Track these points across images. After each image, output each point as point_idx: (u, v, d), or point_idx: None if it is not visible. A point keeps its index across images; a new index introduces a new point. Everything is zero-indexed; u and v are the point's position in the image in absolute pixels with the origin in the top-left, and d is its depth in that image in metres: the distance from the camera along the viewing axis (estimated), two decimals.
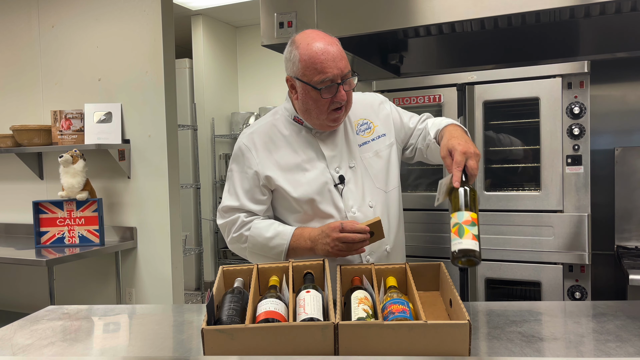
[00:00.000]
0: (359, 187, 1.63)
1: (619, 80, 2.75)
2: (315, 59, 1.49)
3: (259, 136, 1.66)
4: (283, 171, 1.61)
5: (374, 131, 1.69)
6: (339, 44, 1.55)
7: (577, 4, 1.92)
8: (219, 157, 5.53)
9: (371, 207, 1.63)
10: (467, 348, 1.13)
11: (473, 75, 2.38)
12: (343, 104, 1.55)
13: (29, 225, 3.58)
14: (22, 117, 3.73)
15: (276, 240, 1.58)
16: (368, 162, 1.66)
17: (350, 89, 1.56)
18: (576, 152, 2.23)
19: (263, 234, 1.60)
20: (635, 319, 1.38)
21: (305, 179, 1.61)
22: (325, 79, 1.50)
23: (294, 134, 1.65)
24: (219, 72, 5.54)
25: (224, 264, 2.18)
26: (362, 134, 1.68)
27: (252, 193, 1.64)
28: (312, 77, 1.51)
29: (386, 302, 1.26)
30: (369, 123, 1.70)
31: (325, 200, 1.60)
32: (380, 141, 1.68)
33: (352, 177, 1.63)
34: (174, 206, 3.34)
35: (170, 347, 1.35)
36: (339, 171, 1.63)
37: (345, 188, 1.62)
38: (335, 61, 1.50)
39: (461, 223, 1.26)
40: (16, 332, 1.47)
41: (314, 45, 1.51)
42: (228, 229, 1.67)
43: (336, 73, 1.50)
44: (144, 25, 3.30)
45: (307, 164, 1.62)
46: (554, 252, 2.25)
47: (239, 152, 1.68)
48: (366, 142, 1.67)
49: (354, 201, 1.62)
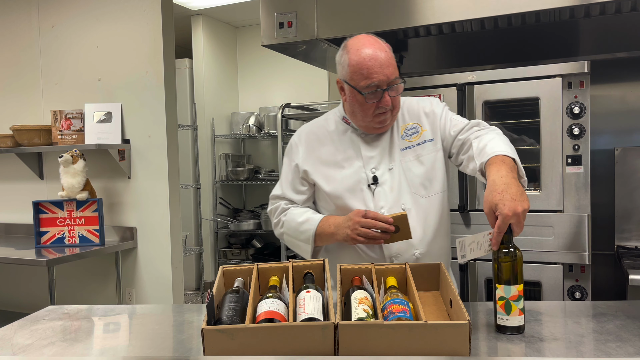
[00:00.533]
0: (394, 190, 1.64)
1: (619, 80, 2.76)
2: (362, 65, 1.55)
3: (307, 134, 1.76)
4: (321, 166, 1.70)
5: (421, 136, 1.69)
6: (389, 50, 1.59)
7: (577, 4, 1.92)
8: (219, 157, 5.53)
9: (403, 210, 1.63)
10: (467, 348, 1.13)
11: (473, 75, 2.38)
12: (388, 108, 1.59)
13: (29, 225, 3.58)
14: (22, 117, 3.73)
15: (305, 225, 1.67)
16: (407, 166, 1.66)
17: (397, 94, 1.59)
18: (576, 152, 2.23)
19: (296, 219, 1.70)
20: (635, 319, 1.38)
21: (340, 175, 1.67)
22: (370, 84, 1.55)
23: (339, 133, 1.72)
24: (219, 72, 5.54)
25: (224, 264, 2.18)
26: (408, 138, 1.69)
27: (293, 184, 1.74)
28: (359, 81, 1.56)
29: (386, 302, 1.26)
30: (417, 127, 1.70)
31: (356, 198, 1.65)
32: (425, 146, 1.68)
33: (388, 179, 1.65)
34: (174, 206, 3.34)
35: (170, 347, 1.35)
36: (375, 172, 1.66)
37: (379, 189, 1.65)
38: (382, 67, 1.54)
39: (508, 299, 1.29)
40: (16, 332, 1.47)
41: (363, 50, 1.56)
42: (271, 215, 1.81)
43: (382, 79, 1.54)
44: (144, 25, 3.30)
45: (344, 162, 1.68)
46: (554, 252, 2.25)
47: (289, 146, 1.79)
48: (410, 146, 1.68)
49: (385, 202, 1.63)
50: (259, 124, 5.31)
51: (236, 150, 5.76)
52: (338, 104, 1.81)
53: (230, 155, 5.55)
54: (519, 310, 1.29)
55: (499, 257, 1.31)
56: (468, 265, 2.41)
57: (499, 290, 1.30)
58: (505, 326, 1.30)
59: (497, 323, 1.31)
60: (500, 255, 1.31)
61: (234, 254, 5.44)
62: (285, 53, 2.66)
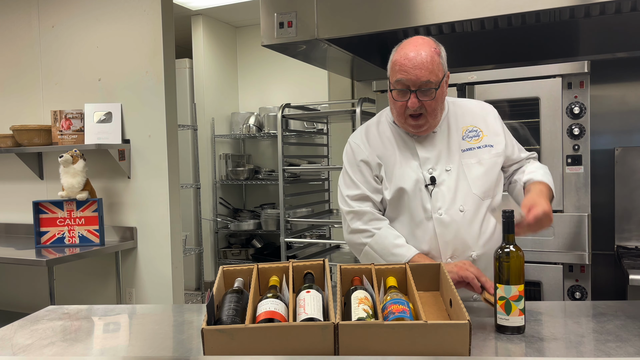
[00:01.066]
0: (451, 190, 1.63)
1: (619, 80, 2.76)
2: (397, 62, 1.57)
3: (365, 134, 1.75)
4: (383, 164, 1.69)
5: (482, 140, 1.69)
6: (436, 55, 1.56)
7: (577, 4, 1.92)
8: (219, 157, 5.53)
9: (461, 212, 1.62)
10: (467, 348, 1.13)
11: (473, 75, 2.38)
12: (418, 112, 1.58)
13: (29, 225, 3.57)
14: (22, 117, 3.73)
15: (401, 250, 1.61)
16: (469, 167, 1.65)
17: (429, 99, 1.56)
18: (576, 152, 2.23)
19: (391, 240, 1.64)
20: (635, 319, 1.38)
21: (399, 175, 1.66)
22: (398, 80, 1.56)
23: (394, 134, 1.71)
24: (219, 72, 5.54)
25: (224, 264, 2.18)
26: (470, 140, 1.68)
27: (367, 182, 1.70)
28: (392, 77, 1.59)
29: (386, 302, 1.26)
30: (477, 131, 1.70)
31: (414, 198, 1.64)
32: (486, 150, 1.68)
33: (446, 180, 1.64)
34: (174, 206, 3.34)
35: (170, 347, 1.35)
36: (432, 172, 1.65)
37: (436, 189, 1.63)
38: (415, 68, 1.53)
39: (508, 299, 1.29)
40: (16, 332, 1.47)
41: (405, 49, 1.57)
42: (354, 218, 1.70)
43: (411, 79, 1.53)
44: (144, 25, 3.30)
45: (402, 162, 1.67)
46: (554, 252, 2.25)
47: (350, 149, 1.75)
48: (471, 148, 1.67)
49: (443, 203, 1.63)
50: (259, 124, 5.31)
51: (236, 150, 5.76)
52: (338, 104, 1.81)
53: (230, 155, 5.55)
54: (519, 310, 1.29)
55: (501, 256, 1.31)
56: None
57: (499, 290, 1.30)
58: (505, 326, 1.30)
59: (497, 323, 1.31)
60: (502, 254, 1.31)
61: (234, 254, 5.43)
62: (285, 53, 2.66)
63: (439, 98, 1.58)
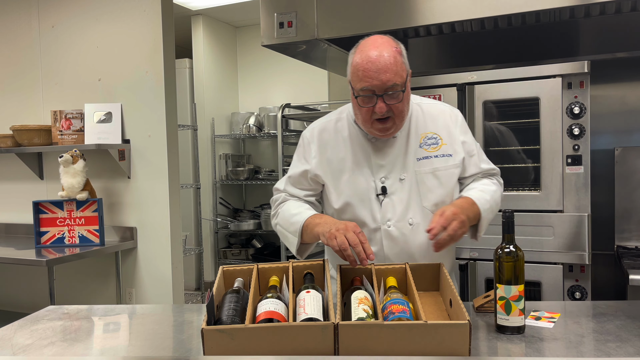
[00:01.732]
0: (403, 202, 1.58)
1: (619, 80, 2.76)
2: (359, 67, 1.48)
3: (319, 132, 1.68)
4: (331, 170, 1.63)
5: (440, 148, 1.60)
6: (398, 55, 1.49)
7: (577, 4, 1.92)
8: (219, 157, 5.53)
9: (411, 225, 1.57)
10: (467, 348, 1.13)
11: (473, 75, 2.38)
12: (385, 116, 1.50)
13: (29, 225, 3.57)
14: (22, 117, 3.73)
15: (296, 217, 1.59)
16: (421, 177, 1.58)
17: (397, 102, 1.49)
18: (576, 152, 2.23)
19: (290, 211, 1.63)
20: (635, 319, 1.38)
21: (349, 182, 1.60)
22: (364, 88, 1.48)
23: (352, 136, 1.64)
24: (219, 72, 5.54)
25: (224, 264, 2.19)
26: (427, 147, 1.60)
27: (299, 181, 1.68)
28: (355, 83, 1.51)
29: (386, 302, 1.26)
30: (437, 138, 1.61)
31: (363, 207, 1.59)
32: (443, 160, 1.59)
33: (398, 190, 1.58)
34: (174, 206, 3.34)
35: (170, 347, 1.35)
36: (385, 182, 1.59)
37: (387, 199, 1.58)
38: (379, 72, 1.45)
39: (509, 299, 1.29)
40: (16, 332, 1.47)
41: (365, 52, 1.49)
42: (272, 205, 1.75)
43: (376, 84, 1.46)
44: (144, 25, 3.30)
45: (354, 168, 1.61)
46: (554, 252, 2.25)
47: (302, 142, 1.72)
48: (427, 157, 1.59)
49: (393, 214, 1.57)
50: (259, 124, 5.31)
51: (236, 150, 5.76)
52: (338, 104, 1.80)
53: (230, 155, 5.55)
54: (519, 310, 1.29)
55: (501, 256, 1.31)
56: (468, 265, 2.41)
57: (499, 290, 1.30)
58: (505, 326, 1.30)
59: (497, 323, 1.31)
60: (502, 254, 1.31)
61: (234, 254, 5.43)
62: (285, 53, 2.66)
63: (406, 99, 1.53)
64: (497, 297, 1.31)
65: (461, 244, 2.41)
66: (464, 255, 2.41)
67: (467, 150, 1.63)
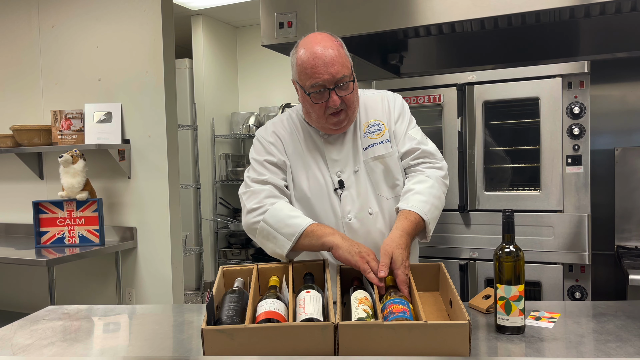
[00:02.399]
0: (361, 193, 1.60)
1: (619, 80, 2.76)
2: (306, 64, 1.50)
3: (274, 129, 1.67)
4: (290, 163, 1.62)
5: (383, 134, 1.63)
6: (340, 47, 1.53)
7: (577, 4, 1.92)
8: (219, 157, 5.53)
9: (371, 214, 1.60)
10: (467, 348, 1.13)
11: (473, 75, 2.38)
12: (339, 109, 1.52)
13: (29, 225, 3.57)
14: (22, 117, 3.73)
15: (297, 220, 1.51)
16: (370, 166, 1.61)
17: (347, 93, 1.51)
18: (576, 152, 2.23)
19: (286, 212, 1.54)
20: (635, 319, 1.38)
21: (306, 177, 1.61)
22: (315, 84, 1.49)
23: (304, 134, 1.65)
24: (219, 72, 5.54)
25: (224, 264, 2.18)
26: (371, 135, 1.63)
27: (272, 169, 1.62)
28: (305, 81, 1.52)
29: (386, 301, 1.26)
30: (380, 124, 1.64)
31: (323, 204, 1.60)
32: (386, 146, 1.62)
33: (354, 182, 1.60)
34: (174, 206, 3.34)
35: (170, 347, 1.35)
36: (340, 175, 1.61)
37: (345, 193, 1.60)
38: (327, 66, 1.47)
39: (509, 299, 1.29)
40: (16, 332, 1.47)
41: (309, 50, 1.50)
42: (250, 198, 1.59)
43: (326, 78, 1.48)
44: (144, 25, 3.30)
45: (312, 165, 1.62)
46: (554, 252, 2.25)
47: (258, 143, 1.67)
48: (372, 144, 1.62)
49: (352, 207, 1.59)
50: (259, 124, 5.31)
51: (236, 150, 5.76)
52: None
53: (230, 155, 5.55)
54: (519, 310, 1.29)
55: (501, 256, 1.31)
56: (468, 265, 2.41)
57: (499, 290, 1.30)
58: (505, 326, 1.30)
59: (497, 323, 1.31)
60: (501, 254, 1.31)
61: (234, 254, 5.43)
62: (285, 53, 2.65)
63: (355, 90, 1.55)
64: (497, 297, 1.31)
65: (461, 244, 2.42)
66: (464, 255, 2.42)
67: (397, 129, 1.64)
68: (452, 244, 2.44)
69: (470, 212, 2.41)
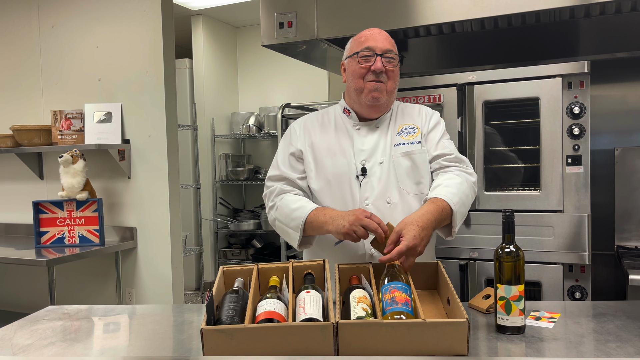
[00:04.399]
0: (381, 183, 1.66)
1: (619, 80, 2.76)
2: (362, 35, 1.70)
3: (307, 119, 1.82)
4: (314, 151, 1.72)
5: (416, 137, 1.73)
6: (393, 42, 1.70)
7: (577, 4, 1.92)
8: (219, 157, 5.53)
9: (389, 204, 1.65)
10: (465, 346, 1.13)
11: (473, 75, 2.38)
12: (380, 77, 1.64)
13: (29, 225, 3.58)
14: (22, 117, 3.73)
15: (297, 212, 1.62)
16: (397, 161, 1.68)
17: (392, 67, 1.66)
18: (576, 152, 2.23)
19: (289, 205, 1.66)
20: (635, 319, 1.38)
21: (331, 162, 1.70)
22: (364, 48, 1.65)
23: (339, 123, 1.77)
24: (219, 72, 5.54)
25: (224, 264, 2.19)
26: (404, 135, 1.73)
27: (290, 162, 1.74)
28: (357, 47, 1.68)
29: (388, 283, 1.26)
30: (414, 128, 1.74)
31: (343, 189, 1.67)
32: (418, 146, 1.71)
33: (377, 172, 1.67)
34: (174, 206, 3.34)
35: (170, 347, 1.35)
36: (365, 164, 1.68)
37: (366, 180, 1.67)
38: (377, 39, 1.66)
39: (509, 299, 1.29)
40: (16, 332, 1.47)
41: (366, 30, 1.70)
42: (267, 199, 1.76)
43: (376, 45, 1.64)
44: (144, 25, 3.30)
45: (338, 151, 1.71)
46: (554, 252, 2.25)
47: (288, 131, 1.82)
48: (403, 143, 1.71)
49: (371, 193, 1.65)
50: (259, 124, 5.31)
51: (236, 150, 5.76)
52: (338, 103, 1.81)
53: (230, 155, 5.55)
54: (519, 310, 1.29)
55: (501, 256, 1.31)
56: (468, 265, 2.41)
57: (499, 290, 1.30)
58: (505, 326, 1.30)
59: (497, 323, 1.31)
60: (502, 254, 1.31)
61: (234, 254, 5.43)
62: (285, 53, 2.66)
63: (396, 77, 1.69)
64: (497, 297, 1.31)
65: (461, 243, 2.41)
66: (464, 255, 2.41)
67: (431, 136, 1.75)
68: (452, 243, 2.43)
69: (470, 212, 2.41)
